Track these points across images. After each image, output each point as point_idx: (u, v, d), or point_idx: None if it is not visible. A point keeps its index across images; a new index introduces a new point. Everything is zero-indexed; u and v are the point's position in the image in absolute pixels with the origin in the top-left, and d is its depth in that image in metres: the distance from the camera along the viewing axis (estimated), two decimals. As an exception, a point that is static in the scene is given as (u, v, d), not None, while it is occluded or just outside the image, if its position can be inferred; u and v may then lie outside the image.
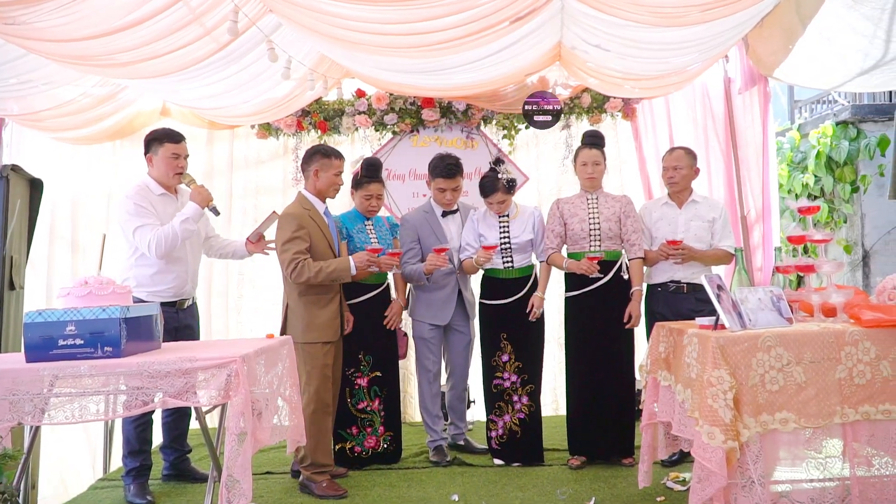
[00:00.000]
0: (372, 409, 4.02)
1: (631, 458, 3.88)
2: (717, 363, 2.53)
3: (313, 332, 3.58)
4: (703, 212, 3.93)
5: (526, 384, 4.03)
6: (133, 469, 3.63)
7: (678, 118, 5.40)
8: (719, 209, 3.97)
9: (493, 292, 4.09)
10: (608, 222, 3.88)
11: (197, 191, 3.61)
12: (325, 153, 3.68)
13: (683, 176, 3.92)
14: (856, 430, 2.58)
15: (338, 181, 3.71)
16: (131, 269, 3.63)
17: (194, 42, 3.58)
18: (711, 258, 3.90)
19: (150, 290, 3.62)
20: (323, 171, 3.64)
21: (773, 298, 2.79)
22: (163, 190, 3.68)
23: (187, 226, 3.53)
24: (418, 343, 4.23)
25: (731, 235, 3.93)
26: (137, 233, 3.49)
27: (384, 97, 5.14)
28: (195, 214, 3.57)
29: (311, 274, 3.48)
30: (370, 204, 3.99)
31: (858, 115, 5.47)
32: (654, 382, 3.19)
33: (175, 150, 3.67)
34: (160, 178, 3.68)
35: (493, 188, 4.01)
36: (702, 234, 3.89)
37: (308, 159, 3.69)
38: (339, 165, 3.71)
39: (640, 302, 3.87)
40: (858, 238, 5.46)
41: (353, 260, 3.60)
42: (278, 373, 3.12)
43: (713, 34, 3.72)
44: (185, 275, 3.72)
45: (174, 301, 3.69)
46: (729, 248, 3.84)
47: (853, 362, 2.57)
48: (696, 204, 3.97)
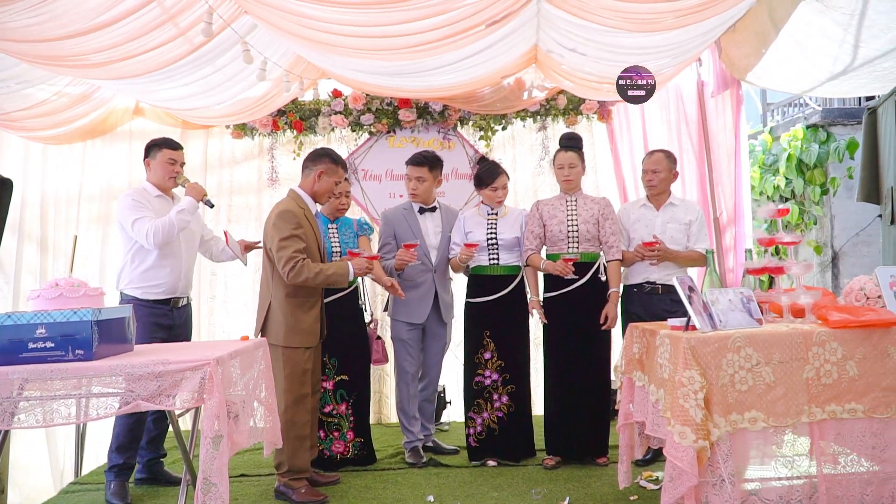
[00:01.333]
0: (338, 413, 4.00)
1: (605, 457, 3.91)
2: (688, 364, 2.56)
3: (296, 336, 3.49)
4: (680, 214, 3.97)
5: (507, 384, 4.05)
6: (117, 465, 3.62)
7: (652, 120, 5.46)
8: (696, 212, 4.01)
9: (478, 290, 4.11)
10: (586, 224, 3.91)
11: (192, 186, 3.77)
12: (335, 159, 3.62)
13: (662, 179, 3.96)
14: (823, 428, 2.63)
15: (335, 189, 3.71)
16: (126, 266, 3.74)
17: (168, 43, 3.56)
18: (686, 259, 3.94)
19: (143, 287, 3.69)
20: (327, 175, 3.58)
21: (744, 300, 2.83)
22: (159, 193, 3.82)
23: (183, 216, 3.66)
24: (397, 344, 4.23)
25: (706, 238, 3.98)
26: (136, 224, 3.60)
27: (360, 97, 5.14)
28: (190, 206, 3.71)
29: (311, 275, 3.38)
30: (340, 203, 4.00)
31: (828, 118, 5.56)
32: (629, 383, 3.22)
33: (172, 155, 3.81)
34: (157, 182, 3.81)
35: (496, 172, 4.10)
36: (678, 237, 3.93)
37: (315, 158, 3.60)
38: (341, 175, 3.67)
39: (616, 304, 3.90)
40: (828, 239, 5.55)
41: (353, 266, 3.56)
42: (254, 375, 3.10)
43: (685, 39, 3.77)
44: (179, 272, 3.77)
45: (168, 299, 3.74)
46: (703, 250, 3.86)
47: (820, 362, 2.62)
48: (673, 206, 4.01)
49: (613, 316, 3.88)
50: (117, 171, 5.32)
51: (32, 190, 5.15)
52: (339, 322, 3.97)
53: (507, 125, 5.37)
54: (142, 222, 3.60)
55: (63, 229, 5.23)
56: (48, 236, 5.22)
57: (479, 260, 4.08)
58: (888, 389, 2.63)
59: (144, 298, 3.67)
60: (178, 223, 3.64)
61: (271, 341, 3.48)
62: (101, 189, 5.31)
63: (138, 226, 3.60)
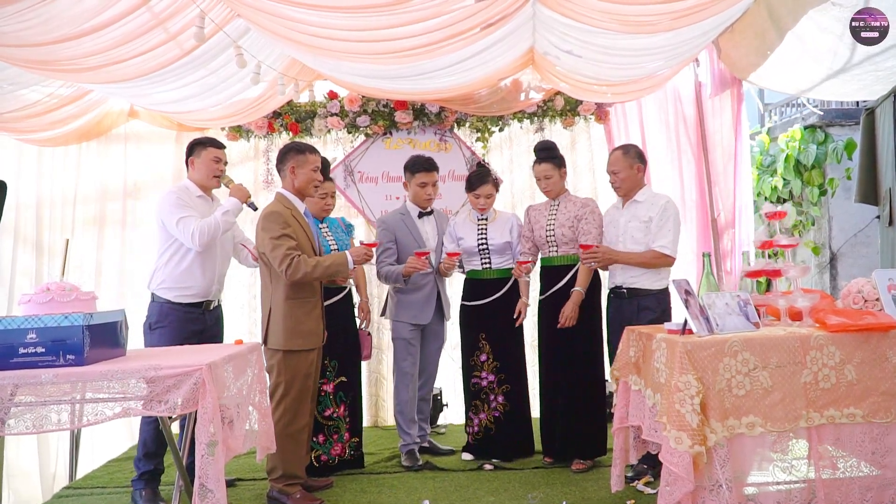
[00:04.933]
0: (338, 416, 3.98)
1: (582, 463, 3.86)
2: (685, 368, 2.54)
3: (298, 338, 3.45)
4: (642, 212, 3.72)
5: (502, 384, 4.08)
6: (146, 472, 3.58)
7: (650, 121, 5.44)
8: (658, 208, 3.68)
9: (472, 293, 4.16)
10: (562, 228, 3.91)
11: (237, 188, 3.76)
12: (299, 149, 3.59)
13: (623, 179, 3.76)
14: (821, 433, 2.61)
15: (316, 176, 3.61)
16: (161, 268, 3.69)
17: (158, 47, 3.52)
18: (637, 260, 3.67)
19: (176, 289, 3.65)
20: (300, 168, 3.54)
21: (741, 303, 2.81)
22: (201, 192, 3.78)
23: (228, 217, 3.65)
24: (399, 345, 4.22)
25: (667, 235, 3.63)
26: (181, 223, 3.56)
27: (356, 99, 5.11)
28: (235, 208, 3.69)
29: (309, 269, 3.34)
30: (325, 203, 3.98)
31: (826, 119, 5.55)
32: (624, 386, 3.20)
33: (217, 154, 3.79)
34: (200, 181, 3.78)
35: (483, 179, 4.11)
36: (638, 236, 3.70)
37: (282, 158, 3.58)
38: (315, 160, 3.61)
39: (575, 303, 3.82)
40: (826, 240, 5.54)
41: (351, 254, 3.53)
42: (248, 380, 3.08)
43: (681, 41, 3.75)
44: (213, 275, 3.75)
45: (200, 302, 3.71)
46: (661, 248, 3.61)
47: (818, 367, 2.60)
48: (636, 204, 3.77)
49: (568, 315, 3.82)
50: (112, 173, 5.30)
51: (27, 192, 5.12)
52: (336, 324, 3.96)
53: (505, 127, 5.35)
54: (187, 221, 3.55)
55: (58, 232, 5.20)
56: (43, 239, 5.20)
57: (472, 264, 4.15)
58: (887, 394, 2.61)
59: (177, 302, 3.64)
60: (223, 225, 3.61)
61: (272, 346, 3.46)
62: (96, 191, 5.28)
63: (183, 224, 3.55)
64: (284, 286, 3.44)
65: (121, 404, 2.55)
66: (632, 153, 3.78)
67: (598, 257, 3.65)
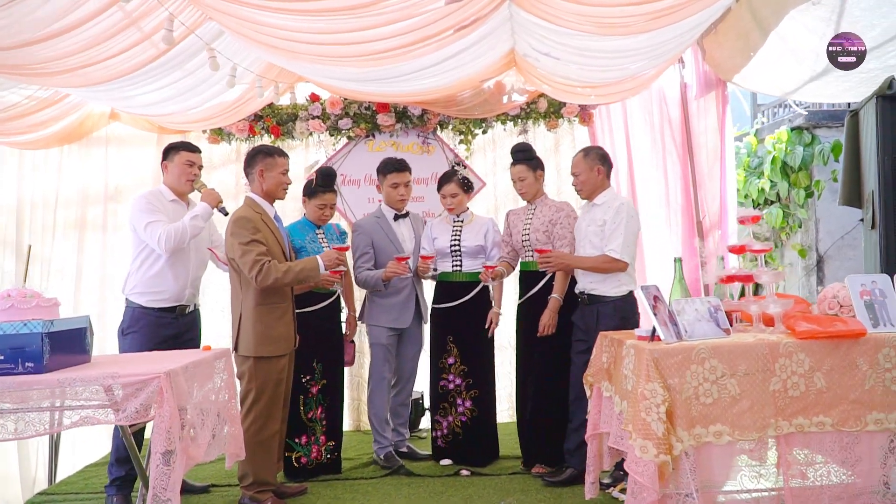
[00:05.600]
0: (316, 418, 3.96)
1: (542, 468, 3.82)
2: (650, 376, 2.50)
3: (268, 344, 3.42)
4: (598, 215, 3.62)
5: (470, 388, 4.07)
6: (118, 478, 3.55)
7: (635, 123, 5.40)
8: (613, 210, 3.55)
9: (442, 296, 4.15)
10: (536, 233, 3.89)
11: (208, 192, 3.73)
12: (267, 152, 3.56)
13: (583, 181, 3.68)
14: (790, 441, 2.57)
15: (285, 180, 3.59)
16: (133, 273, 3.68)
17: (132, 48, 3.49)
18: (589, 264, 3.57)
19: (148, 294, 3.63)
20: (268, 171, 3.51)
21: (711, 309, 2.78)
22: (174, 197, 3.76)
23: (196, 222, 3.61)
24: (376, 350, 4.19)
25: (618, 239, 3.49)
26: (149, 228, 3.56)
27: (338, 102, 5.08)
28: (205, 213, 3.65)
29: (279, 274, 3.31)
30: (324, 213, 3.98)
31: (813, 120, 5.49)
32: (597, 393, 3.17)
33: (190, 157, 3.75)
34: (173, 185, 3.76)
35: (447, 179, 4.12)
36: (595, 240, 3.60)
37: (250, 161, 3.56)
38: (283, 164, 3.58)
39: (553, 310, 3.79)
40: (813, 243, 5.49)
41: (322, 259, 3.50)
42: (215, 386, 3.06)
43: (660, 42, 3.71)
44: (186, 279, 3.71)
45: (173, 307, 3.68)
46: (611, 252, 3.49)
47: (787, 374, 2.56)
48: (594, 207, 3.67)
49: (545, 323, 3.79)
50: (94, 176, 5.26)
51: (8, 195, 5.08)
52: (323, 328, 3.97)
53: (488, 129, 5.31)
54: (154, 226, 3.54)
55: (39, 235, 5.16)
56: (24, 242, 5.13)
57: (443, 266, 4.14)
58: (857, 402, 2.57)
59: (149, 306, 3.62)
60: (191, 229, 3.59)
61: (243, 352, 3.43)
62: (77, 195, 5.24)
63: (150, 229, 3.54)
64: (254, 292, 3.41)
65: (78, 413, 2.52)
66: (592, 155, 3.69)
67: (551, 262, 3.61)
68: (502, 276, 4.01)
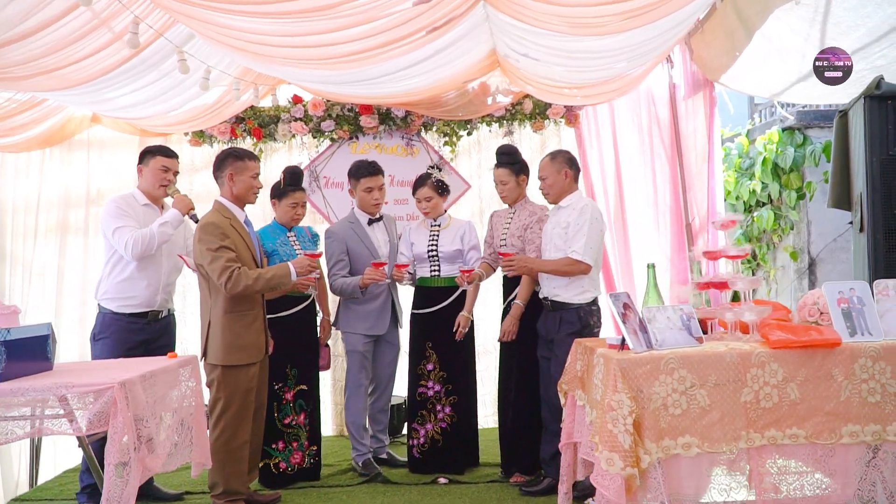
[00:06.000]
0: (297, 424, 3.92)
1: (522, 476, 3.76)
2: (618, 386, 2.43)
3: (238, 353, 3.35)
4: (564, 217, 3.53)
5: (450, 395, 4.01)
6: (89, 486, 3.51)
7: (623, 124, 5.33)
8: (577, 212, 3.47)
9: (421, 301, 4.10)
10: (512, 237, 3.85)
11: (179, 199, 3.67)
12: (237, 155, 3.48)
13: (550, 185, 3.61)
14: (762, 454, 2.49)
15: (256, 184, 3.52)
16: (105, 278, 3.64)
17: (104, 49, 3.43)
18: (551, 267, 3.48)
19: (119, 299, 3.59)
20: (238, 175, 3.44)
21: (683, 317, 2.70)
22: (147, 201, 3.72)
23: (165, 229, 3.56)
24: (353, 357, 4.13)
25: (580, 240, 3.39)
26: (117, 233, 3.52)
27: (321, 103, 5.02)
28: (174, 219, 3.60)
29: (250, 282, 3.25)
30: (296, 213, 3.91)
31: (804, 121, 5.39)
32: (571, 401, 3.09)
33: (165, 163, 3.70)
34: (147, 189, 3.71)
35: (422, 182, 4.05)
36: (559, 243, 3.51)
37: (220, 164, 3.48)
38: (254, 167, 3.51)
39: (514, 316, 3.73)
40: (805, 245, 5.41)
41: (293, 266, 3.44)
42: (180, 394, 3.00)
43: (640, 41, 3.63)
44: (157, 285, 3.67)
45: (145, 312, 3.63)
46: (573, 253, 3.39)
47: (759, 385, 2.48)
48: (560, 210, 3.59)
49: (505, 329, 3.75)
50: (76, 179, 5.22)
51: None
52: (298, 333, 3.92)
53: (473, 130, 5.25)
54: (122, 231, 3.51)
55: (21, 239, 5.12)
56: (6, 246, 5.11)
57: (421, 272, 4.09)
58: (832, 414, 2.49)
59: (119, 312, 3.58)
60: (159, 236, 3.54)
61: (211, 361, 3.38)
62: (59, 198, 5.20)
63: (118, 234, 3.51)
64: (223, 299, 3.35)
65: (31, 422, 2.47)
66: (560, 159, 3.63)
67: (513, 265, 3.54)
68: (480, 278, 3.92)
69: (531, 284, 3.73)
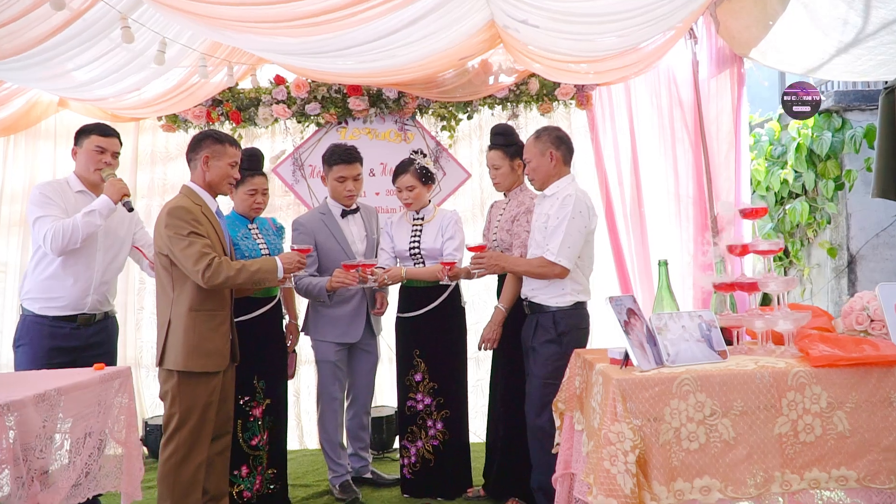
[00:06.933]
0: (262, 444, 3.44)
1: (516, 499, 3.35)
2: (617, 414, 1.94)
3: (199, 358, 2.91)
4: (546, 209, 3.06)
5: (441, 408, 3.57)
6: None
7: (640, 106, 4.81)
8: (559, 203, 2.98)
9: (406, 303, 3.64)
10: (501, 231, 3.44)
11: (111, 183, 3.19)
12: (217, 138, 3.04)
13: (534, 168, 3.14)
14: (802, 501, 1.98)
15: (233, 173, 3.07)
16: (29, 274, 3.22)
17: (30, 13, 2.99)
18: (524, 268, 3.04)
19: (42, 300, 3.15)
20: (215, 160, 3.00)
21: (702, 325, 2.20)
22: (83, 187, 3.28)
23: (91, 219, 3.09)
24: (323, 367, 3.67)
25: (556, 238, 2.93)
26: (37, 223, 3.10)
27: (304, 84, 4.56)
28: (103, 207, 3.12)
29: (231, 273, 2.84)
30: (255, 200, 3.44)
31: (843, 102, 4.83)
32: (569, 424, 2.60)
33: (101, 142, 3.26)
34: (82, 174, 3.29)
35: (403, 169, 3.59)
36: (538, 238, 3.06)
37: (195, 146, 3.04)
38: (234, 154, 3.06)
39: (495, 322, 3.33)
40: (844, 241, 4.84)
41: (281, 261, 3.02)
42: (105, 414, 2.55)
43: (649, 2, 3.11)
44: (88, 283, 3.22)
45: (73, 315, 3.19)
46: (546, 253, 2.93)
47: (798, 413, 1.97)
48: (545, 199, 3.11)
49: (485, 337, 3.34)
50: (42, 170, 4.83)
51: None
52: (265, 338, 3.45)
53: (473, 113, 4.75)
54: (43, 222, 3.08)
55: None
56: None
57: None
58: (891, 450, 1.97)
59: (43, 315, 3.14)
60: (83, 227, 3.08)
61: (168, 366, 2.92)
62: (24, 190, 4.81)
63: (39, 225, 3.09)
64: (189, 294, 2.91)
65: None
66: (545, 138, 3.12)
67: (482, 263, 3.08)
68: (468, 276, 3.40)
69: (517, 285, 3.24)
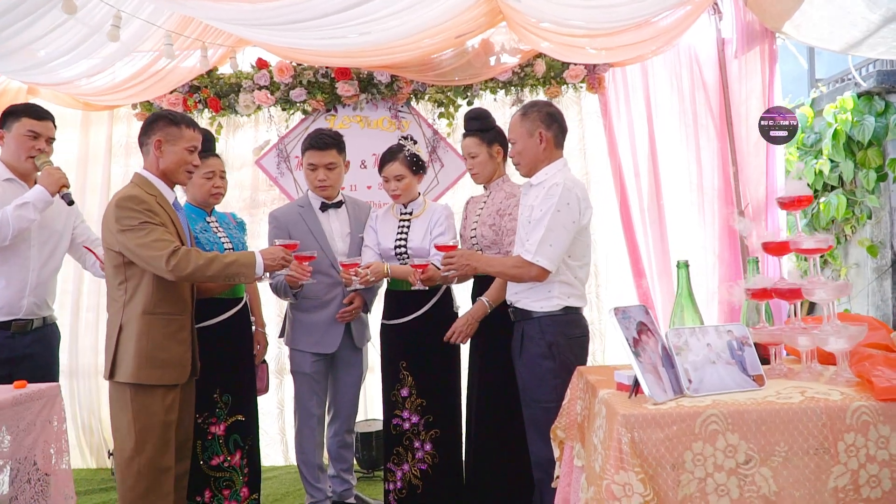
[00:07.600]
0: (231, 466, 3.05)
1: None
2: (624, 460, 1.51)
3: (155, 369, 2.54)
4: (531, 199, 2.62)
5: (430, 427, 3.16)
6: None
7: (659, 89, 4.39)
8: (543, 193, 2.54)
9: (391, 309, 3.24)
10: (483, 226, 3.03)
11: (48, 172, 2.85)
12: (172, 119, 2.64)
13: (520, 152, 2.69)
14: (863, 572, 1.55)
15: (191, 159, 2.67)
16: None
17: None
18: (498, 268, 2.64)
19: None
20: (169, 144, 2.62)
21: (733, 343, 1.76)
22: (11, 175, 2.92)
23: (24, 212, 2.76)
24: (299, 380, 3.29)
25: (538, 233, 2.49)
26: None
27: (288, 68, 4.17)
28: (38, 200, 2.80)
29: (202, 262, 2.49)
30: (213, 184, 3.04)
31: (886, 83, 4.34)
32: (568, 456, 2.18)
33: (34, 126, 2.93)
34: (10, 161, 2.95)
35: (391, 157, 3.18)
36: (521, 233, 2.66)
37: (147, 129, 2.65)
38: (192, 138, 2.67)
39: (472, 316, 2.96)
40: (887, 238, 4.36)
41: (262, 256, 2.64)
42: (31, 439, 2.18)
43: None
44: (23, 285, 2.88)
45: (7, 322, 2.86)
46: (524, 253, 2.51)
47: (860, 461, 1.53)
48: (531, 189, 2.67)
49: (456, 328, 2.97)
50: (10, 161, 4.50)
51: None
52: (231, 347, 3.06)
53: (474, 98, 4.32)
54: None
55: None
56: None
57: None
58: (980, 507, 1.53)
59: None
60: (14, 222, 2.75)
61: (119, 379, 2.55)
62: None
63: None
64: (144, 295, 2.55)
65: None
66: (533, 115, 2.65)
67: (453, 263, 2.66)
68: (444, 280, 2.99)
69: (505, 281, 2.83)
